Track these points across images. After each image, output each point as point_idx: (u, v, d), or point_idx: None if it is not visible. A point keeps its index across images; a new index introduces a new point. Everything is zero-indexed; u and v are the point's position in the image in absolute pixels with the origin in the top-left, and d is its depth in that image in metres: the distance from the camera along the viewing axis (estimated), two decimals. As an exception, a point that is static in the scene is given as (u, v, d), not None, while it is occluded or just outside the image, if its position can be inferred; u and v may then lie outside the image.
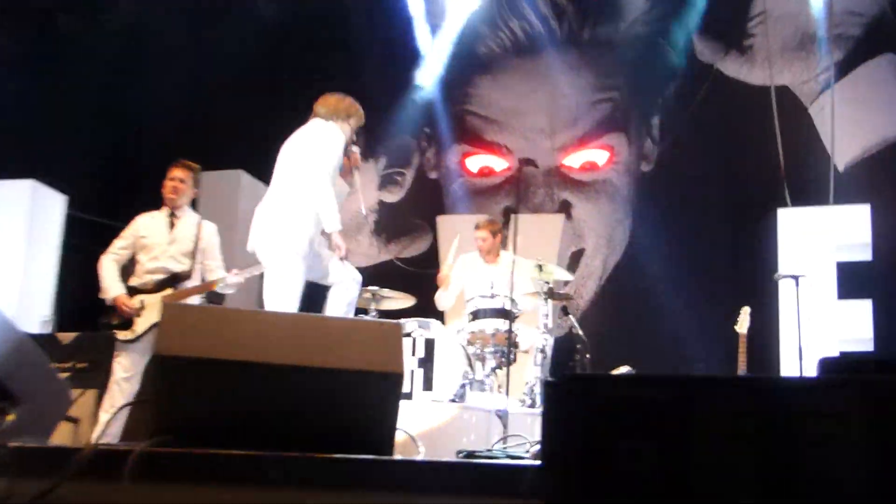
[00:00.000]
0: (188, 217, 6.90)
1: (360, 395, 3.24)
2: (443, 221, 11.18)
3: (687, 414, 2.25)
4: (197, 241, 6.80)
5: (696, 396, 2.27)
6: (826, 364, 2.99)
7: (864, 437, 2.18)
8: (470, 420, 6.13)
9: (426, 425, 5.68)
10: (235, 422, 3.09)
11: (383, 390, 3.27)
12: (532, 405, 6.83)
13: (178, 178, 6.85)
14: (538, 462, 2.69)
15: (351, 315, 6.36)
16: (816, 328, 8.24)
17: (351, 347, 3.28)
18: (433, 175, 11.78)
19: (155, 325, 6.36)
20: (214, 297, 7.38)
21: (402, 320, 6.88)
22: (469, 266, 8.10)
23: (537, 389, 6.93)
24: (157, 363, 3.13)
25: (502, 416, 5.98)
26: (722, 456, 2.22)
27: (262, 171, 10.37)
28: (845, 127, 10.02)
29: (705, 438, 2.22)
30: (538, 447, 3.99)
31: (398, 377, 3.33)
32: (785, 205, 9.72)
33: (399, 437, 3.57)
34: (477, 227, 8.10)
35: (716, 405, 2.24)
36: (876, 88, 10.12)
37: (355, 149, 6.52)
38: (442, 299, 8.13)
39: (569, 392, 2.35)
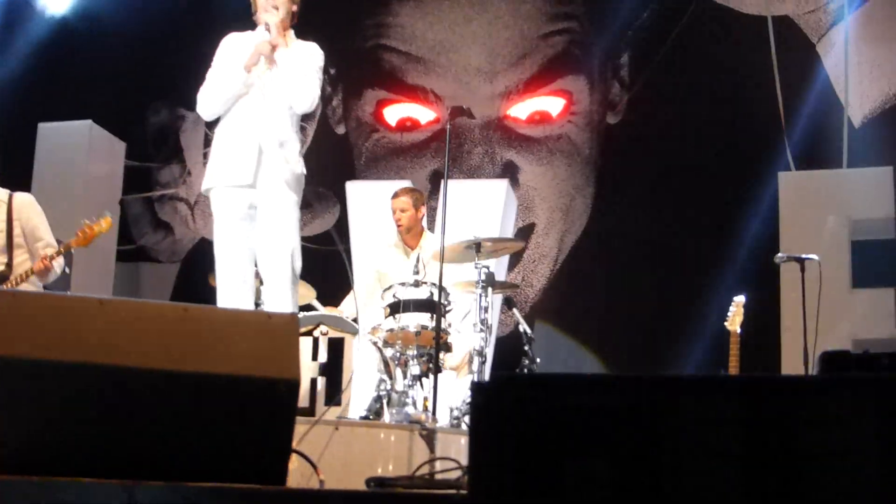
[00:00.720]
0: None
1: (244, 409, 3.22)
2: (353, 189, 11.13)
3: (655, 424, 2.24)
4: (10, 225, 6.64)
5: (666, 402, 2.26)
6: (829, 359, 3.03)
7: (876, 449, 2.22)
8: (387, 441, 6.13)
9: (330, 447, 5.67)
10: (77, 442, 3.06)
11: (274, 402, 3.26)
12: (467, 422, 6.87)
13: None
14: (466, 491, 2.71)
15: None
16: (826, 324, 8.36)
17: (231, 346, 3.27)
18: (340, 129, 11.76)
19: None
20: (51, 284, 7.26)
21: (301, 313, 6.84)
22: (386, 251, 8.09)
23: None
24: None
25: (428, 437, 6.00)
26: (701, 475, 2.23)
27: (119, 123, 10.31)
28: (863, 70, 10.16)
29: (679, 454, 2.23)
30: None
31: (293, 385, 3.32)
32: (787, 168, 9.85)
33: (294, 461, 3.57)
34: (395, 195, 8.04)
35: (692, 412, 2.23)
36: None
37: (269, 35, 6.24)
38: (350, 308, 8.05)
39: (502, 397, 2.32)
